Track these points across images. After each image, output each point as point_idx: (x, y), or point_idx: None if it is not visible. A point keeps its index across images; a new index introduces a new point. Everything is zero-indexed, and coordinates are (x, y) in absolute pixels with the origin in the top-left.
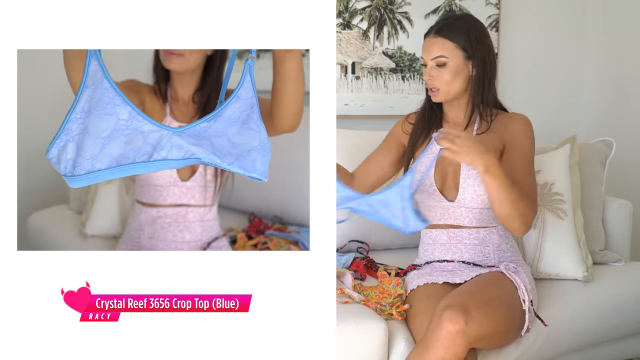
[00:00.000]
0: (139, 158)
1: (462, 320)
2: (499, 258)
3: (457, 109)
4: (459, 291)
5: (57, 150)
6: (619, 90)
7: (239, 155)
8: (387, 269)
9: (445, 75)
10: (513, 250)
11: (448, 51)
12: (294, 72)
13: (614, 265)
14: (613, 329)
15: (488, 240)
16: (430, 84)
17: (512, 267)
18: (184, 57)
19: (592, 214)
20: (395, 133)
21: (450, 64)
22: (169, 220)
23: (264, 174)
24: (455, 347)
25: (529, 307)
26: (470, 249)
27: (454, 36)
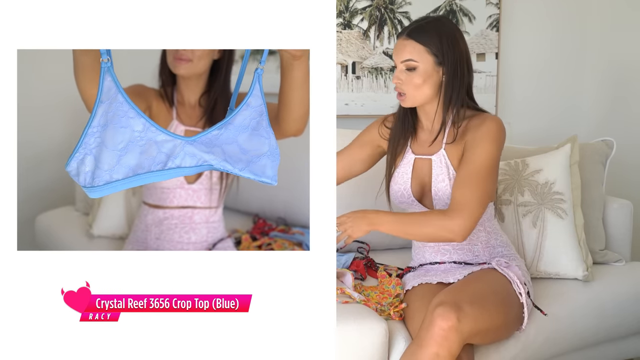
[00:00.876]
0: (154, 167)
1: (454, 317)
2: (489, 254)
3: (428, 114)
4: (451, 289)
5: (76, 163)
6: (620, 90)
7: (249, 161)
8: (387, 269)
9: (414, 79)
10: (504, 245)
11: (418, 55)
12: (302, 79)
13: (614, 265)
14: (613, 328)
15: (475, 238)
16: (399, 88)
17: (503, 262)
18: (192, 63)
19: (593, 213)
20: (371, 133)
21: (420, 68)
22: (175, 222)
23: (274, 178)
24: (448, 343)
25: (526, 299)
26: (458, 249)
27: (425, 40)
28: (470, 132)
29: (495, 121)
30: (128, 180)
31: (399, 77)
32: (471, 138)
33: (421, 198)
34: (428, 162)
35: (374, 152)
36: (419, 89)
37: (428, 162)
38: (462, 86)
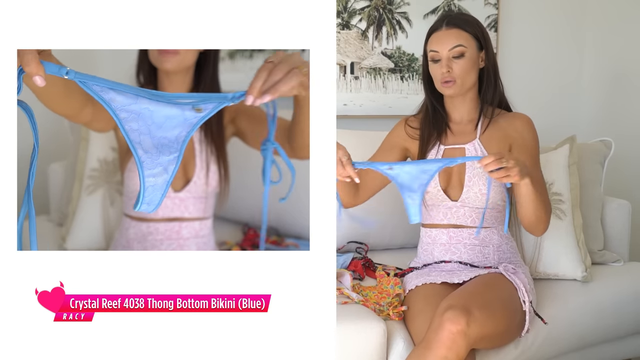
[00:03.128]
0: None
1: (464, 321)
2: (498, 259)
3: (462, 105)
4: (460, 292)
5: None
6: (618, 91)
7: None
8: (385, 269)
9: (464, 64)
10: (513, 251)
11: (465, 40)
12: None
13: (612, 265)
14: (612, 328)
15: (488, 240)
16: (448, 76)
17: (511, 268)
18: (179, 55)
19: (591, 214)
20: (396, 136)
21: (467, 53)
22: (160, 237)
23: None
24: (457, 347)
25: (529, 308)
26: (470, 249)
27: (467, 26)
28: (510, 125)
29: (530, 118)
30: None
31: (448, 65)
32: (518, 131)
33: (446, 188)
34: (460, 152)
35: (401, 155)
36: (468, 74)
37: (460, 152)
38: (498, 73)
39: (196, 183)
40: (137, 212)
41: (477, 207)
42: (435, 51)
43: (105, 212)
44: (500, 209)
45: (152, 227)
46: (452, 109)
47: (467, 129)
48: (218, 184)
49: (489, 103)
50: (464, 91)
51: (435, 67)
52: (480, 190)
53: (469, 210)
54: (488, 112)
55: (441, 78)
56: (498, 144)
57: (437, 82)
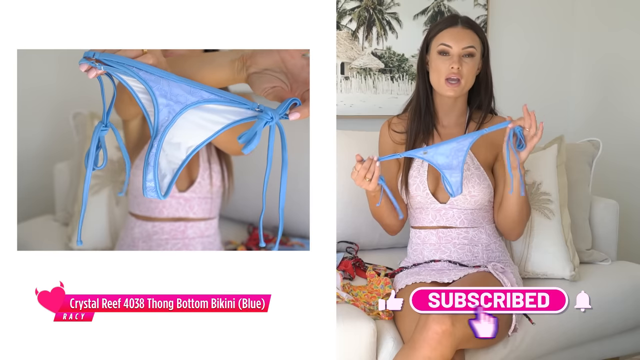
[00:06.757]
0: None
1: (449, 321)
2: (487, 258)
3: (453, 109)
4: None
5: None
6: (606, 91)
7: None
8: (375, 268)
9: (472, 66)
10: (501, 250)
11: (476, 43)
12: None
13: (600, 264)
14: (600, 327)
15: (477, 239)
16: (456, 73)
17: (499, 267)
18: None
19: (579, 213)
20: (386, 144)
21: (476, 56)
22: (166, 237)
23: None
24: (441, 347)
25: None
26: (459, 248)
27: (479, 31)
28: (496, 134)
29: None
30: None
31: (460, 62)
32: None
33: (434, 191)
34: None
35: (398, 163)
36: (472, 75)
37: None
38: (492, 81)
39: (200, 183)
40: (142, 210)
41: (466, 209)
42: (448, 45)
43: (110, 212)
44: (488, 209)
45: (158, 227)
46: (442, 112)
47: (454, 132)
48: (222, 183)
49: (482, 109)
50: (465, 91)
51: (444, 61)
52: (469, 193)
53: (457, 212)
54: (476, 117)
55: (448, 74)
56: (485, 152)
57: (440, 78)
